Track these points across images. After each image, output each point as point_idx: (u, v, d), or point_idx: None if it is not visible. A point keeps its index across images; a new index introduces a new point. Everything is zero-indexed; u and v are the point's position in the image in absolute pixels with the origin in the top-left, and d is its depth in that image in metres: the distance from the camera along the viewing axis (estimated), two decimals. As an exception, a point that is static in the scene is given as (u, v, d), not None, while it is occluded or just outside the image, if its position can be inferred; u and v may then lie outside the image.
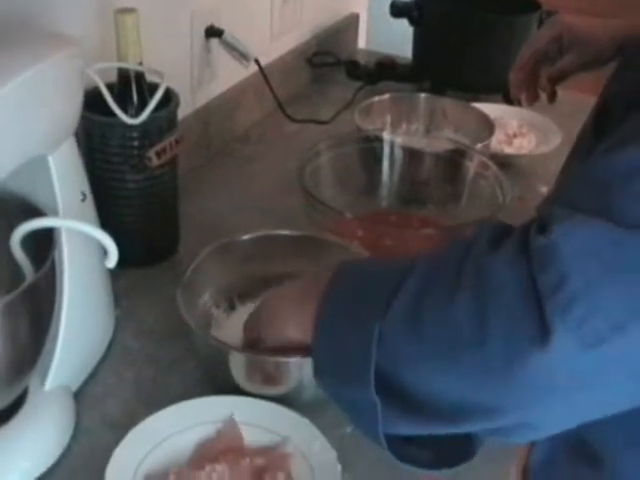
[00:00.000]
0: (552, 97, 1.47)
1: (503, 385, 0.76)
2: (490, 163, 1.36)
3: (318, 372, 0.92)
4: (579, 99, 1.52)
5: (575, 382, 0.73)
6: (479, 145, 1.48)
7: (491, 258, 0.77)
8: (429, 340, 0.79)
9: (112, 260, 0.95)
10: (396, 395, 0.84)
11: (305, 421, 1.00)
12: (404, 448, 0.89)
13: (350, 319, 0.87)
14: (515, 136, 1.76)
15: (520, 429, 0.82)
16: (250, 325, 1.07)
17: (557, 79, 1.45)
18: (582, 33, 1.39)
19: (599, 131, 0.94)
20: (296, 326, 0.98)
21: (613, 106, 0.92)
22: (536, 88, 1.48)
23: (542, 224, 0.75)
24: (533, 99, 1.51)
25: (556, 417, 0.79)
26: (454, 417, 0.82)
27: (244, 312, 1.18)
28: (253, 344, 1.05)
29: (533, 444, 1.11)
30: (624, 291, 0.70)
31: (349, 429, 1.05)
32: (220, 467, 0.95)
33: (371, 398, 0.84)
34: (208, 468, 0.94)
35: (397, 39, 2.12)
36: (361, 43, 2.35)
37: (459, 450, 0.91)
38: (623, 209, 0.72)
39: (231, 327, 1.16)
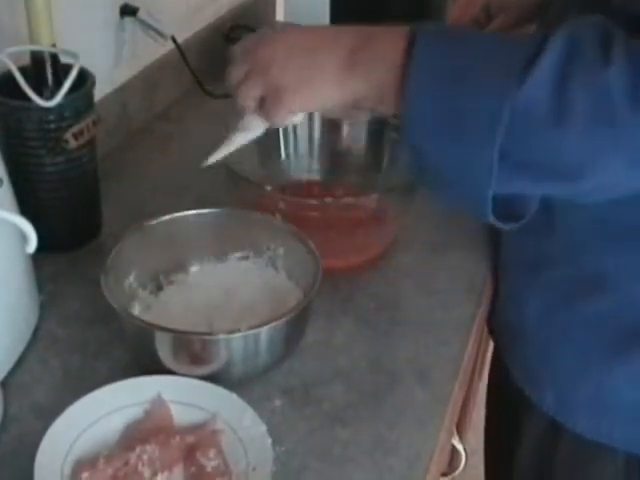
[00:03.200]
0: None
1: None
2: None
3: (416, 130, 0.90)
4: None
5: None
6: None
7: (632, 43, 0.81)
8: (578, 103, 0.82)
9: (31, 245, 0.95)
10: (520, 160, 0.86)
11: (233, 396, 1.00)
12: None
13: (469, 87, 0.86)
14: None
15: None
16: (262, 86, 0.99)
17: None
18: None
19: None
20: (344, 94, 0.95)
21: None
22: None
23: None
24: None
25: None
26: (578, 175, 0.87)
27: (171, 292, 1.19)
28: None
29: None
30: None
31: (278, 402, 1.06)
32: (150, 447, 0.94)
33: (489, 158, 0.85)
34: (138, 449, 0.94)
35: (315, 9, 2.11)
36: (279, 15, 2.34)
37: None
38: None
39: (159, 308, 1.16)
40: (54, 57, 1.20)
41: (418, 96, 0.88)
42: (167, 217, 1.19)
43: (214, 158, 1.08)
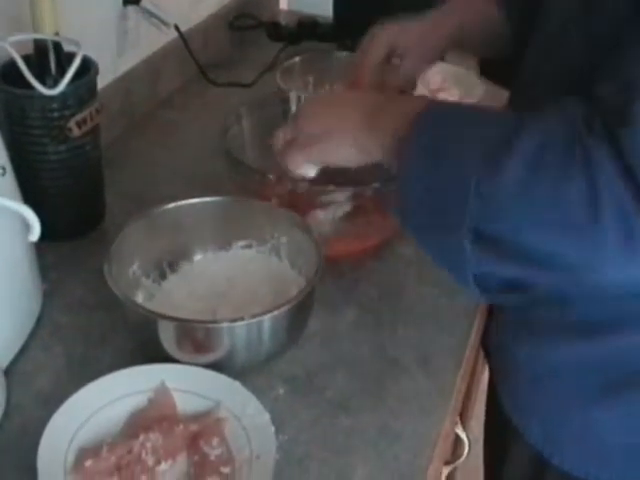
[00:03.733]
0: None
1: (615, 257, 0.82)
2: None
3: (407, 215, 0.97)
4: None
5: None
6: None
7: (596, 149, 0.81)
8: (540, 209, 0.83)
9: (35, 234, 0.95)
10: (489, 241, 0.87)
11: (237, 384, 1.00)
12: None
13: (447, 167, 0.90)
14: (438, 91, 1.76)
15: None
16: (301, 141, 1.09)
17: (405, 85, 1.48)
18: (415, 39, 1.41)
19: None
20: (359, 151, 1.03)
21: None
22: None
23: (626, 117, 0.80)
24: None
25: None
26: (547, 267, 0.87)
27: (175, 281, 1.19)
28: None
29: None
30: None
31: (282, 390, 1.06)
32: (154, 435, 0.94)
33: (462, 245, 0.88)
34: (142, 437, 0.94)
35: (318, -1, 2.11)
36: (282, 4, 2.34)
37: None
38: None
39: (163, 296, 1.16)
40: (57, 45, 1.20)
41: (408, 175, 0.94)
42: (170, 205, 1.19)
43: None
